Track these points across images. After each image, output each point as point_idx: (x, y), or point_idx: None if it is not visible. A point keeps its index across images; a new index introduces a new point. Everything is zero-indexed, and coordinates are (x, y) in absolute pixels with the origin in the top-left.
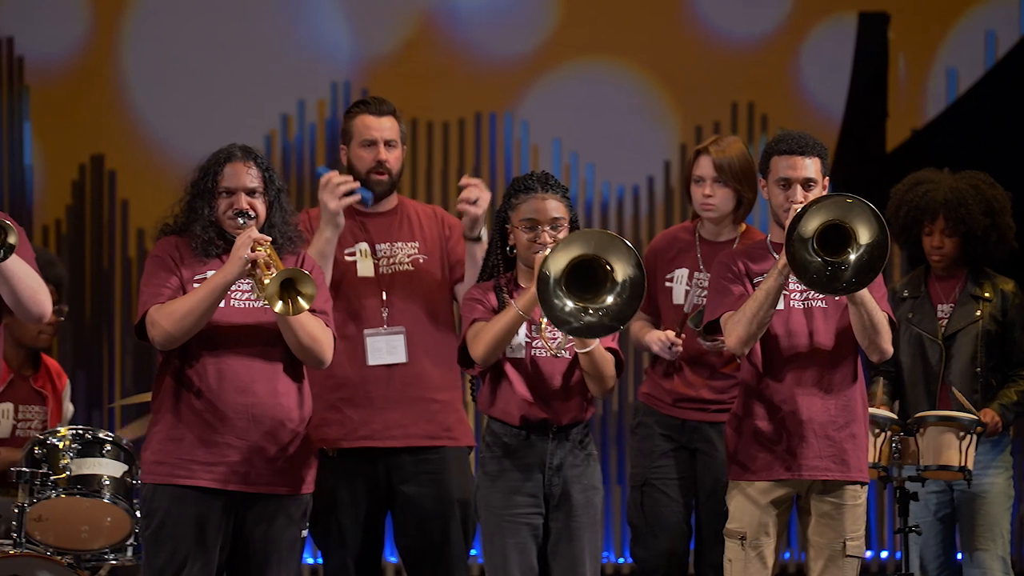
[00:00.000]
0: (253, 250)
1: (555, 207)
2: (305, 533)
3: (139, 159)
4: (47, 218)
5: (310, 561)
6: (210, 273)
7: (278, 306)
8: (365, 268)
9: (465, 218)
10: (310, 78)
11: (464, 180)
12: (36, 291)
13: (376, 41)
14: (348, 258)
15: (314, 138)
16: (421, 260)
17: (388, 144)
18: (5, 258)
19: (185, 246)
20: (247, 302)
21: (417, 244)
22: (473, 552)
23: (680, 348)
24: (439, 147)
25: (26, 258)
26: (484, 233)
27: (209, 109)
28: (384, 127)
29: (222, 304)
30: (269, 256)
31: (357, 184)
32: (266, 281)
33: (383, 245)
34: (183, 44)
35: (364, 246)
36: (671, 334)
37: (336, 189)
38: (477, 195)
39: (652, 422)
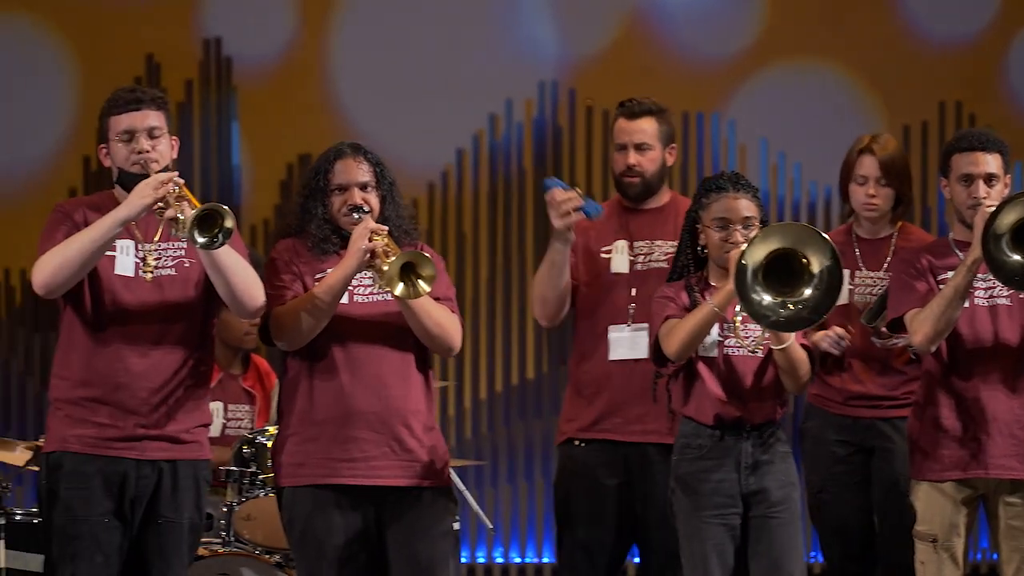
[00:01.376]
0: (370, 240)
1: (746, 206)
2: (457, 525)
3: None
4: (255, 218)
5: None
6: (329, 271)
7: (398, 288)
8: (619, 264)
9: None
10: (517, 77)
11: None
12: (250, 285)
13: (584, 40)
14: (603, 255)
15: (521, 138)
16: None
17: (640, 147)
18: (223, 243)
19: (302, 246)
20: (371, 296)
21: (675, 242)
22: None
23: (848, 341)
24: None
25: (240, 253)
26: None
27: (416, 108)
28: (635, 130)
29: (346, 300)
30: (387, 244)
31: (580, 201)
32: (385, 267)
33: (641, 242)
34: (389, 44)
35: (622, 243)
36: (839, 330)
37: (560, 207)
38: None
39: (823, 424)
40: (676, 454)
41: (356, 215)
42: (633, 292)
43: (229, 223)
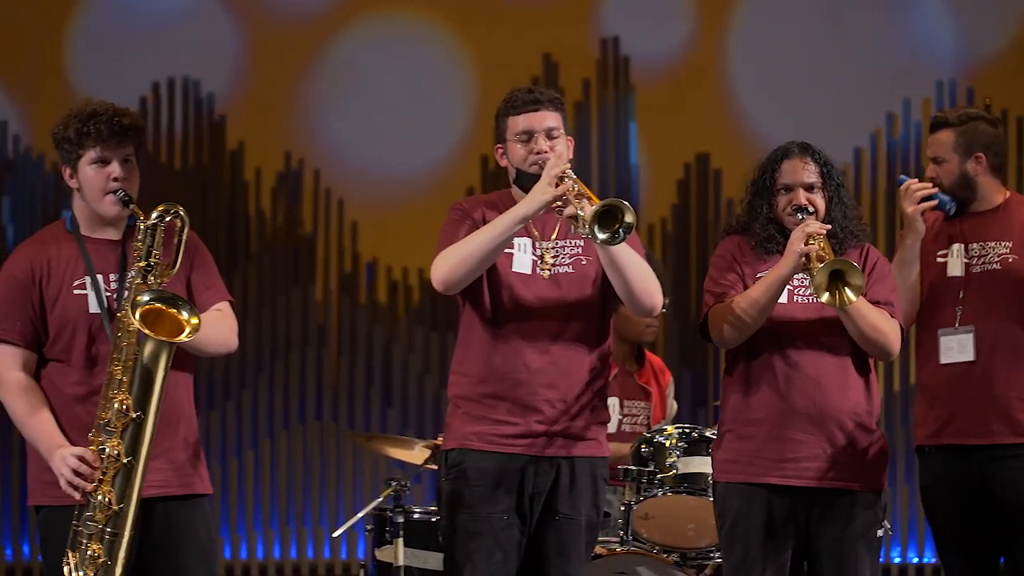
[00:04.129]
0: (806, 244)
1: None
2: (881, 532)
3: (745, 158)
4: (653, 216)
5: None
6: (767, 271)
7: (824, 296)
8: (954, 267)
9: None
10: (915, 77)
11: None
12: (648, 282)
13: (983, 40)
14: (939, 259)
15: (919, 137)
16: (1011, 260)
17: (935, 160)
18: (623, 238)
19: (746, 244)
20: (809, 297)
21: (1010, 243)
22: None
23: None
24: None
25: (636, 250)
26: None
27: (813, 108)
28: (932, 142)
29: (785, 300)
30: (822, 249)
31: (935, 189)
32: (815, 272)
33: (975, 245)
34: (785, 43)
35: (958, 247)
36: None
37: (913, 195)
38: None
39: None
40: None
41: (800, 215)
42: (961, 295)
43: (629, 218)
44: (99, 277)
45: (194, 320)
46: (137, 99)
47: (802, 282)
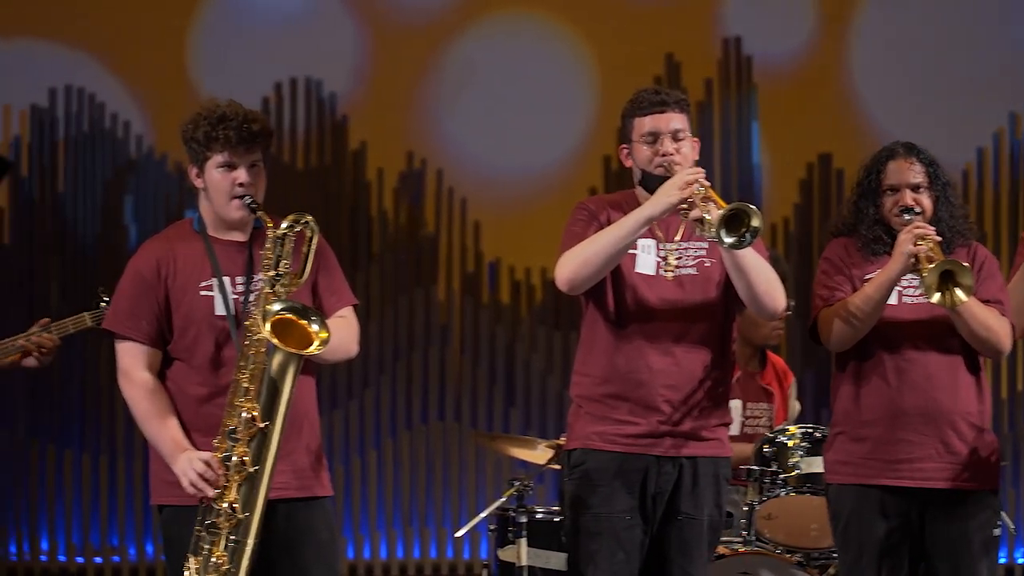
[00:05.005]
0: (915, 245)
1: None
2: (998, 532)
3: (867, 158)
4: (775, 216)
5: None
6: (876, 272)
7: (935, 297)
8: None
9: None
10: None
11: None
12: (772, 286)
13: None
14: None
15: None
16: None
17: None
18: (750, 243)
19: (853, 246)
20: (919, 297)
21: None
22: None
23: None
24: None
25: (760, 254)
26: None
27: (936, 107)
28: None
29: (894, 301)
30: (931, 250)
31: None
32: (925, 273)
33: None
34: (908, 42)
35: None
36: None
37: None
38: None
39: None
40: None
41: (906, 216)
42: None
43: (756, 222)
44: (225, 280)
45: (324, 334)
46: (259, 99)
47: (910, 283)
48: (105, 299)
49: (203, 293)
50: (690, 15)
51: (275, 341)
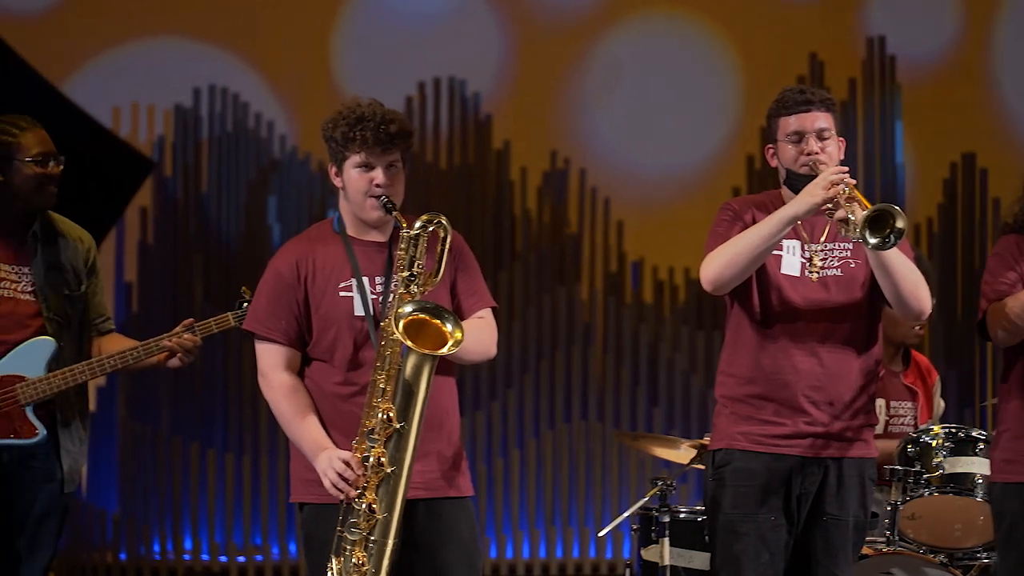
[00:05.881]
0: None
1: None
2: None
3: (1012, 158)
4: (918, 216)
5: None
6: None
7: None
8: None
9: None
10: None
11: None
12: (917, 287)
13: None
14: None
15: None
16: None
17: None
18: (894, 244)
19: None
20: None
21: None
22: None
23: None
24: None
25: (906, 254)
26: None
27: None
28: None
29: None
30: None
31: None
32: None
33: None
34: None
35: None
36: None
37: None
38: None
39: None
40: None
41: None
42: None
43: (900, 223)
44: (365, 280)
45: (457, 334)
46: (403, 99)
47: None
48: (248, 299)
49: (342, 294)
50: (834, 15)
51: (407, 342)
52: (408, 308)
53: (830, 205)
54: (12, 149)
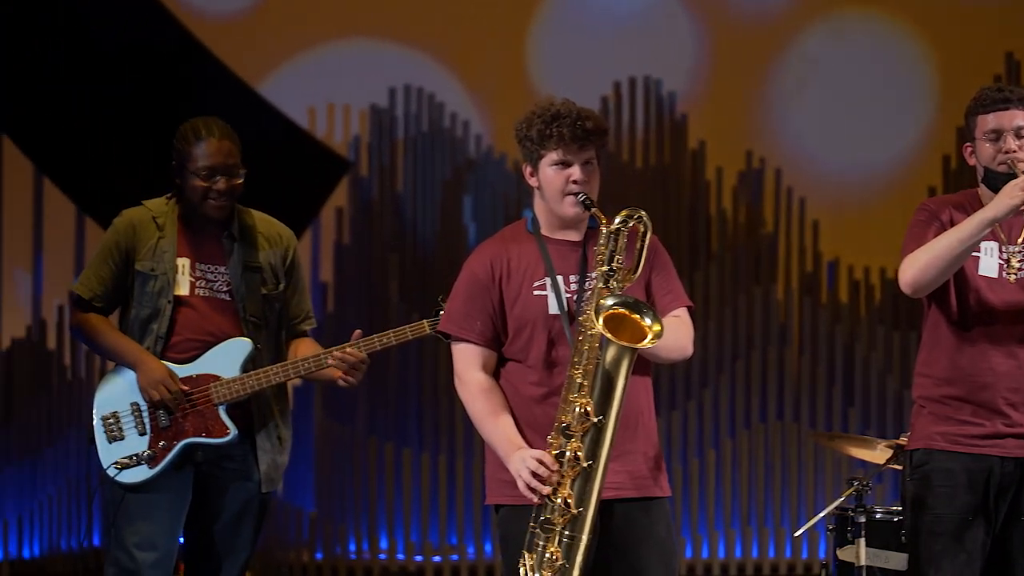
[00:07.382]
0: None
1: None
2: None
3: None
4: None
5: None
6: None
7: None
8: None
9: None
10: None
11: None
12: None
13: None
14: None
15: None
16: None
17: None
18: None
19: None
20: None
21: None
22: None
23: None
24: None
25: None
26: None
27: None
28: None
29: None
30: None
31: None
32: None
33: None
34: None
35: None
36: None
37: None
38: None
39: None
40: None
41: None
42: None
43: None
44: (559, 278)
45: (656, 327)
46: (598, 99)
47: None
48: (443, 307)
49: (536, 293)
50: None
51: (608, 335)
52: (609, 302)
53: None
54: (184, 158)
